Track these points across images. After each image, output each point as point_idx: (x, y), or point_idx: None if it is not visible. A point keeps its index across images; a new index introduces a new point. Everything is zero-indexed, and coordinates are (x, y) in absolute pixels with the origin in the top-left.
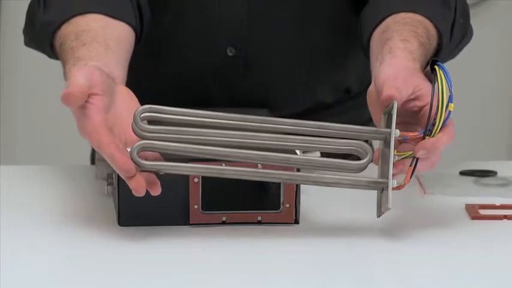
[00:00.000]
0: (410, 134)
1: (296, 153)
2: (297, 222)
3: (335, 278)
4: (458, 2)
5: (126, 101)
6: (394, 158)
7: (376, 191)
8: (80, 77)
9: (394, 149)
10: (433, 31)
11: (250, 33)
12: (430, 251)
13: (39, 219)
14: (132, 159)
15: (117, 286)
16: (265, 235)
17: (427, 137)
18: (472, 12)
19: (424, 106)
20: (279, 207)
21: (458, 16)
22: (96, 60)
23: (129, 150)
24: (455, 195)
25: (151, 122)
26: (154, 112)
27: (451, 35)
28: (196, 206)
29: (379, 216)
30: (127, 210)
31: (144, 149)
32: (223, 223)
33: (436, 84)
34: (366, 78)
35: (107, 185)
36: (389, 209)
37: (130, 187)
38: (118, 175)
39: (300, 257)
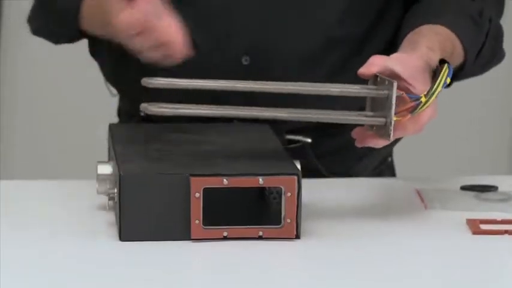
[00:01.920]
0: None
1: None
2: (298, 237)
3: None
4: (493, 26)
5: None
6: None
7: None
8: None
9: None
10: (459, 49)
11: (265, 42)
12: (431, 265)
13: (39, 234)
14: None
15: None
16: (266, 250)
17: (423, 97)
18: None
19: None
20: (280, 222)
21: (489, 40)
22: None
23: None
24: (456, 210)
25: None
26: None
27: (477, 56)
28: (197, 221)
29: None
30: (128, 225)
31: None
32: (225, 238)
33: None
34: None
35: (109, 200)
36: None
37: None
38: (120, 190)
39: (301, 273)
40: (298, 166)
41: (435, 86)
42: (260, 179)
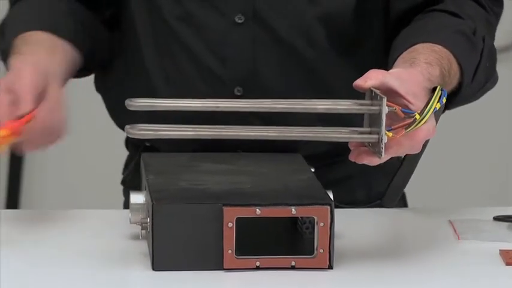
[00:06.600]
0: (396, 106)
1: None
2: (331, 267)
3: None
4: (486, 45)
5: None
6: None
7: None
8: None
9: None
10: (455, 68)
11: (257, 73)
12: None
13: (71, 264)
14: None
15: None
16: (299, 280)
17: (417, 114)
18: (503, 56)
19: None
20: (313, 252)
21: (484, 59)
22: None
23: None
24: (490, 240)
25: None
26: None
27: (473, 76)
28: (230, 251)
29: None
30: (161, 254)
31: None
32: (257, 268)
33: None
34: None
35: (141, 229)
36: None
37: None
38: (152, 219)
39: None
40: (331, 196)
41: (428, 106)
42: (293, 209)
